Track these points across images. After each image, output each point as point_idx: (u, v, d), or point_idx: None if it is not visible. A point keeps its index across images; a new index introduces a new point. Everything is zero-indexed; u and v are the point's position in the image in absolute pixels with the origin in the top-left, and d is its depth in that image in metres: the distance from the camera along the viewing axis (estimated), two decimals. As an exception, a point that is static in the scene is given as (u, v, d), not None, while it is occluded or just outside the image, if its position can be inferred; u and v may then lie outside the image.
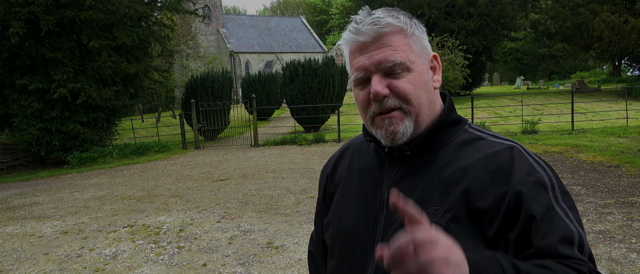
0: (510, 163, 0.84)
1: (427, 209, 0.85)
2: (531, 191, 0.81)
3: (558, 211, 0.80)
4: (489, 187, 0.83)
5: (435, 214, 0.84)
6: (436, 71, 0.93)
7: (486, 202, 0.82)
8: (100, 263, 4.58)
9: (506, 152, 0.86)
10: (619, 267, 3.72)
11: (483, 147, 0.89)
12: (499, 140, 0.90)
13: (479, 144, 0.90)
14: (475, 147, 0.89)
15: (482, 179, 0.84)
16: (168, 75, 23.64)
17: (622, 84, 26.75)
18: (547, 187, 0.83)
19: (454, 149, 0.90)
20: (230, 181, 8.36)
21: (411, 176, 0.90)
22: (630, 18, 20.39)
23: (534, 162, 0.86)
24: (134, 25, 13.67)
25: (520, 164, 0.84)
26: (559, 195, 0.83)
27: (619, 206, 5.32)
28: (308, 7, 68.57)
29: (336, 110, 14.54)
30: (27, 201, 8.09)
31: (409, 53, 0.88)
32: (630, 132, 11.21)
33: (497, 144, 0.89)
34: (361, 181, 0.99)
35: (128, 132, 17.83)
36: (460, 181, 0.85)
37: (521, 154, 0.86)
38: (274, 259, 4.35)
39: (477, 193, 0.83)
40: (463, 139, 0.91)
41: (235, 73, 39.72)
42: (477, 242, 0.81)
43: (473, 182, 0.84)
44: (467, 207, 0.83)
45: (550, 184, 0.83)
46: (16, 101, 12.60)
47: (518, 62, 47.97)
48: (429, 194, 0.86)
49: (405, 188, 0.89)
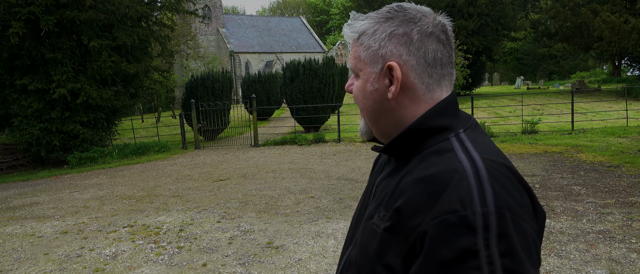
0: (443, 189, 0.73)
1: (380, 211, 0.84)
2: (441, 232, 0.69)
3: (480, 259, 0.67)
4: (418, 209, 0.75)
5: (382, 219, 0.82)
6: (393, 82, 0.86)
7: (411, 225, 0.75)
8: (100, 263, 4.58)
9: (448, 175, 0.75)
10: (619, 267, 3.72)
11: (439, 162, 0.79)
12: (464, 155, 0.78)
13: (443, 157, 0.80)
14: (438, 160, 0.80)
15: (416, 199, 0.76)
16: (168, 75, 23.62)
17: (622, 84, 26.76)
18: (477, 228, 0.68)
19: (423, 157, 0.83)
20: (230, 181, 8.36)
21: (390, 176, 0.90)
22: (630, 18, 20.39)
23: (477, 190, 0.71)
24: (134, 25, 13.67)
25: (452, 193, 0.72)
26: (492, 238, 0.67)
27: (619, 206, 5.32)
28: (308, 7, 68.57)
29: (336, 110, 14.54)
30: (27, 201, 8.09)
31: (357, 61, 0.90)
32: (630, 132, 11.21)
33: (454, 160, 0.77)
34: (372, 173, 1.06)
35: (128, 132, 17.83)
36: (404, 193, 0.80)
37: (463, 181, 0.72)
38: (274, 259, 4.35)
39: (408, 212, 0.76)
40: (437, 149, 0.83)
41: (235, 73, 39.73)
42: (399, 261, 0.77)
43: (409, 199, 0.77)
44: (400, 221, 0.78)
45: (484, 224, 0.68)
46: (16, 101, 12.60)
47: (518, 62, 47.99)
48: (386, 197, 0.85)
49: (382, 187, 0.91)
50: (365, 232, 0.87)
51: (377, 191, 0.92)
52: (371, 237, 0.84)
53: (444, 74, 0.87)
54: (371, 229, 0.84)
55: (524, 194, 0.75)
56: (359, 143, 12.78)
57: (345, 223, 5.31)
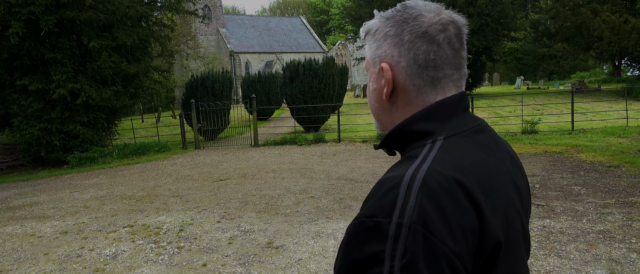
0: (377, 193, 0.73)
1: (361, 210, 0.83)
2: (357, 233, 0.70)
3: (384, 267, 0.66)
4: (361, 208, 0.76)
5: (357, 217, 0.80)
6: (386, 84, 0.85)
7: None
8: (100, 263, 4.57)
9: (390, 181, 0.73)
10: (619, 267, 3.72)
11: (398, 168, 0.78)
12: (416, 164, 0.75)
13: (404, 164, 0.78)
14: (399, 165, 0.79)
15: (367, 197, 0.76)
16: (168, 75, 23.64)
17: (622, 84, 26.76)
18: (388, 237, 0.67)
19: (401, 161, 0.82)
20: (230, 181, 8.36)
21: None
22: (630, 18, 20.39)
23: (402, 201, 0.69)
24: (134, 25, 13.67)
25: (379, 199, 0.71)
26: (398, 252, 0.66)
27: (619, 206, 5.32)
28: (308, 7, 68.56)
29: (336, 110, 14.54)
30: (27, 201, 8.09)
31: (367, 61, 0.92)
32: (630, 132, 11.21)
33: (405, 168, 0.75)
34: None
35: (128, 132, 17.83)
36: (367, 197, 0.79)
37: (394, 189, 0.71)
38: (274, 259, 4.35)
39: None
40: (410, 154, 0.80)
41: (235, 73, 39.74)
42: None
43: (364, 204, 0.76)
44: None
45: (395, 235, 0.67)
46: (16, 101, 12.60)
47: (518, 62, 47.98)
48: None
49: None
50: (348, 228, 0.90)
51: None
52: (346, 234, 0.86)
53: (439, 76, 0.83)
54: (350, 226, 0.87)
55: (465, 214, 0.70)
56: (359, 143, 12.78)
57: (345, 223, 5.31)
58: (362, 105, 24.82)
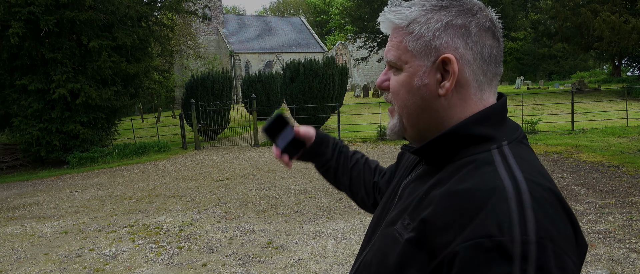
0: (479, 208, 0.66)
1: (404, 219, 0.78)
2: (474, 257, 0.63)
3: None
4: (449, 225, 0.68)
5: (406, 227, 0.76)
6: (446, 77, 0.78)
7: (439, 241, 0.69)
8: (100, 263, 4.58)
9: (486, 192, 0.67)
10: (619, 267, 3.72)
11: (480, 176, 0.71)
12: (505, 172, 0.70)
13: (482, 171, 0.72)
14: (476, 173, 0.72)
15: (447, 213, 0.69)
16: (168, 75, 23.64)
17: (622, 84, 26.77)
18: (514, 258, 0.61)
19: (458, 167, 0.76)
20: (230, 181, 8.36)
21: (419, 180, 0.84)
22: (630, 18, 20.39)
23: (518, 215, 0.64)
24: (134, 25, 13.68)
25: (490, 215, 0.65)
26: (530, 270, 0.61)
27: (619, 206, 5.32)
28: (308, 7, 68.57)
29: (336, 110, 14.54)
30: (27, 201, 8.09)
31: (402, 52, 0.80)
32: (630, 132, 11.21)
33: (493, 175, 0.70)
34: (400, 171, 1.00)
35: (128, 132, 17.84)
36: (432, 204, 0.73)
37: (502, 202, 0.65)
38: (274, 259, 4.35)
39: (437, 227, 0.70)
40: (474, 159, 0.75)
41: (235, 73, 39.75)
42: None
43: (439, 212, 0.71)
44: (425, 235, 0.71)
45: (522, 254, 0.61)
46: (16, 101, 12.61)
47: (518, 62, 47.98)
48: (413, 203, 0.79)
49: (409, 191, 0.85)
50: (385, 238, 0.81)
51: (404, 194, 0.85)
52: (392, 245, 0.77)
53: (496, 73, 0.81)
54: (393, 237, 0.78)
55: (567, 224, 0.67)
56: (359, 143, 12.78)
57: (345, 223, 5.31)
58: (362, 105, 24.82)
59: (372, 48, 32.40)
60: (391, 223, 0.81)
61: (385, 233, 0.83)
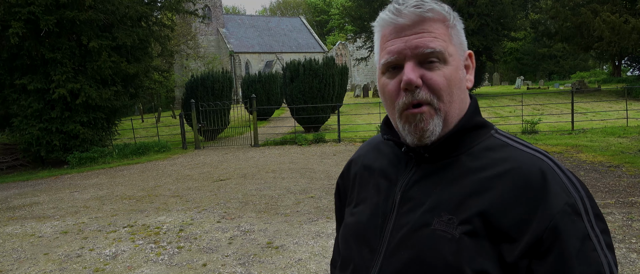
0: (542, 184, 0.75)
1: (441, 216, 0.79)
2: (569, 224, 0.73)
3: (593, 240, 0.74)
4: (513, 206, 0.75)
5: (449, 223, 0.78)
6: (469, 69, 0.86)
7: (508, 223, 0.74)
8: (100, 263, 4.57)
9: (536, 168, 0.77)
10: (619, 267, 3.72)
11: (509, 157, 0.79)
12: (528, 149, 0.81)
13: (505, 152, 0.80)
14: (500, 156, 0.80)
15: (505, 195, 0.76)
16: (168, 75, 23.63)
17: (622, 84, 26.76)
18: (582, 213, 0.74)
19: (476, 155, 0.81)
20: (230, 181, 8.36)
21: (427, 179, 0.84)
22: (630, 18, 20.38)
23: (568, 180, 0.77)
24: (134, 25, 13.67)
25: (554, 187, 0.75)
26: (592, 219, 0.75)
27: (619, 206, 5.32)
28: (308, 7, 68.55)
29: (336, 110, 14.54)
30: (27, 201, 8.09)
31: (448, 44, 0.81)
32: (630, 132, 11.21)
33: (525, 155, 0.80)
34: (377, 181, 0.93)
35: (128, 132, 17.83)
36: (480, 192, 0.77)
37: (554, 173, 0.77)
38: (274, 259, 4.35)
39: (499, 211, 0.75)
40: (487, 145, 0.82)
41: (235, 73, 39.75)
42: (492, 264, 0.75)
43: (495, 196, 0.76)
44: (485, 223, 0.76)
45: (584, 208, 0.75)
46: (16, 101, 12.60)
47: (518, 62, 47.97)
48: (444, 201, 0.80)
49: (419, 192, 0.84)
50: (425, 241, 0.79)
51: (412, 197, 0.84)
52: (440, 244, 0.77)
53: None
54: (436, 237, 0.78)
55: None
56: (359, 143, 12.78)
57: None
58: (362, 105, 24.82)
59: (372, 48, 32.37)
60: (422, 225, 0.80)
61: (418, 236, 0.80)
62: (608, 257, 0.74)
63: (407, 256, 0.81)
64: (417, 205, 0.83)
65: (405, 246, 0.81)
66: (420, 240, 0.80)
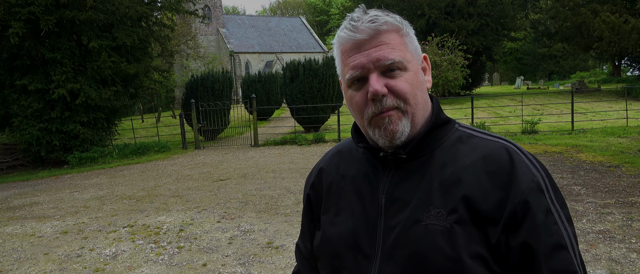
0: (510, 165, 0.83)
1: (429, 211, 0.83)
2: (536, 199, 0.81)
3: (554, 214, 0.82)
4: (490, 190, 0.82)
5: (438, 216, 0.82)
6: (427, 71, 0.93)
7: (488, 206, 0.81)
8: (100, 263, 4.57)
9: (503, 152, 0.85)
10: (619, 267, 3.72)
11: (478, 145, 0.88)
12: (491, 138, 0.90)
13: (473, 142, 0.89)
14: (470, 145, 0.88)
15: (482, 181, 0.83)
16: (168, 75, 23.62)
17: (622, 84, 26.76)
18: (544, 189, 0.82)
19: (448, 148, 0.88)
20: (230, 181, 8.36)
21: (408, 179, 0.87)
22: (630, 18, 20.38)
23: (529, 162, 0.85)
24: (134, 25, 13.67)
25: (521, 167, 0.83)
26: (552, 195, 0.84)
27: (619, 206, 5.32)
28: (308, 7, 68.55)
29: (336, 110, 14.54)
30: (27, 201, 8.09)
31: (405, 52, 0.86)
32: (630, 132, 11.21)
33: (491, 142, 0.88)
34: (356, 188, 0.94)
35: (128, 132, 17.83)
36: (460, 181, 0.83)
37: (518, 155, 0.85)
38: (274, 259, 4.35)
39: (478, 196, 0.81)
40: (456, 137, 0.90)
41: (235, 73, 39.73)
42: (482, 248, 0.80)
43: (474, 184, 0.83)
44: (469, 210, 0.81)
45: (545, 185, 0.83)
46: (16, 101, 12.60)
47: (518, 62, 47.98)
48: (429, 196, 0.84)
49: (403, 192, 0.87)
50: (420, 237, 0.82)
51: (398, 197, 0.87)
52: (436, 237, 0.81)
53: None
54: (430, 231, 0.82)
55: None
56: (359, 143, 12.78)
57: (345, 223, 5.30)
58: (362, 105, 24.77)
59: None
60: (413, 222, 0.84)
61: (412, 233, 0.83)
62: (567, 229, 0.82)
63: (404, 255, 0.83)
64: (404, 205, 0.86)
65: (401, 246, 0.84)
66: (415, 237, 0.83)
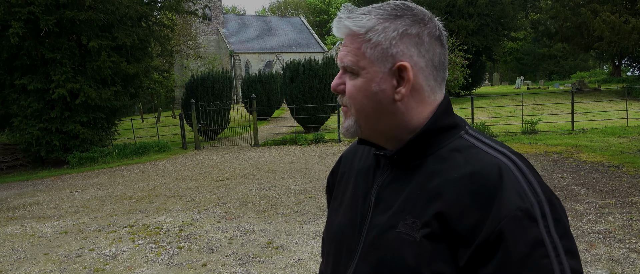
0: (497, 185, 0.75)
1: (405, 219, 0.81)
2: (516, 229, 0.72)
3: (547, 247, 0.72)
4: (469, 211, 0.75)
5: (413, 226, 0.79)
6: (403, 82, 0.82)
7: (463, 227, 0.75)
8: (100, 263, 4.57)
9: (494, 170, 0.76)
10: (619, 267, 3.72)
11: (472, 158, 0.80)
12: (493, 151, 0.81)
13: (470, 154, 0.81)
14: (465, 157, 0.81)
15: (463, 198, 0.76)
16: (168, 75, 23.63)
17: (622, 84, 26.77)
18: (537, 218, 0.72)
19: (443, 157, 0.83)
20: (230, 181, 8.36)
21: (398, 181, 0.86)
22: (630, 18, 20.38)
23: (526, 184, 0.75)
24: (134, 25, 13.67)
25: (508, 190, 0.74)
26: (550, 224, 0.73)
27: (619, 206, 5.32)
28: (308, 7, 68.57)
29: (336, 110, 14.54)
30: (27, 201, 8.09)
31: (360, 59, 0.83)
32: (630, 132, 11.21)
33: (487, 157, 0.79)
34: (357, 182, 0.96)
35: (128, 132, 17.83)
36: (440, 195, 0.78)
37: (512, 175, 0.76)
38: (274, 259, 4.35)
39: (455, 214, 0.76)
40: (455, 146, 0.83)
41: (235, 73, 39.73)
42: (449, 268, 0.76)
43: (452, 200, 0.77)
44: (442, 226, 0.77)
45: (541, 213, 0.73)
46: (16, 101, 12.60)
47: (518, 62, 47.98)
48: (409, 203, 0.82)
49: (390, 194, 0.86)
50: (391, 244, 0.82)
51: (383, 199, 0.87)
52: (404, 248, 0.79)
53: (444, 78, 0.88)
54: (400, 240, 0.80)
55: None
56: (359, 143, 12.77)
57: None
58: (362, 105, 24.77)
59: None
60: (389, 227, 0.83)
61: (385, 238, 0.83)
62: (563, 264, 0.72)
63: (374, 258, 0.84)
64: (387, 207, 0.85)
65: (374, 248, 0.84)
66: (386, 243, 0.82)
